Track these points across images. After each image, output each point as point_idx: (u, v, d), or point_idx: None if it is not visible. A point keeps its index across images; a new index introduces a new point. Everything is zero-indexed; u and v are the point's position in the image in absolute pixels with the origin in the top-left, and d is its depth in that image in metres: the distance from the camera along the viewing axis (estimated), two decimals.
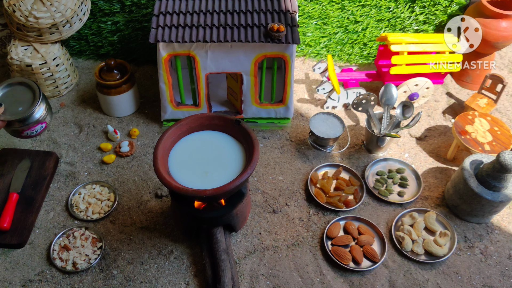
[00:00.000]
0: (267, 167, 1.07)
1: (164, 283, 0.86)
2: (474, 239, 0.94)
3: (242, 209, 0.88)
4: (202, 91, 1.08)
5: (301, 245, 0.92)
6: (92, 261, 0.88)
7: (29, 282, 0.86)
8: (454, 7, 1.26)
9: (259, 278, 0.87)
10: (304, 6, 1.27)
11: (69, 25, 1.16)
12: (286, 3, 1.03)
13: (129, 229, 0.94)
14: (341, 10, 1.28)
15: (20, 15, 1.12)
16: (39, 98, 0.89)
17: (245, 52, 1.01)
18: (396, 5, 1.27)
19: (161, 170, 0.76)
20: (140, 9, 1.25)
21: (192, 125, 0.85)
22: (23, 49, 1.16)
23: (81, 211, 0.97)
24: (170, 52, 1.00)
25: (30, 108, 0.88)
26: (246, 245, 0.92)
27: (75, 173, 1.04)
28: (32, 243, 0.92)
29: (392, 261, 0.90)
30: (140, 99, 1.21)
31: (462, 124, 1.06)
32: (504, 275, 0.89)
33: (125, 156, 1.08)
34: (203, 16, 1.01)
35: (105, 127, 1.14)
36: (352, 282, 0.87)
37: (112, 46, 1.31)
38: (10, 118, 0.87)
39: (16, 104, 0.89)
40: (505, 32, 1.14)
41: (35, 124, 0.90)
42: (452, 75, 1.31)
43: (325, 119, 1.10)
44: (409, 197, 1.01)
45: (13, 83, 0.91)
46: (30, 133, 0.91)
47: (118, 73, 1.12)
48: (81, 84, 1.28)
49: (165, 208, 0.98)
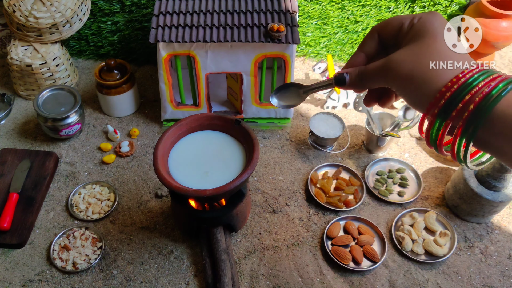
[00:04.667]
0: (267, 167, 1.07)
1: (164, 283, 0.86)
2: (474, 239, 0.94)
3: (242, 209, 0.88)
4: (202, 91, 1.08)
5: (301, 245, 0.93)
6: (92, 261, 0.88)
7: (29, 282, 0.86)
8: (454, 7, 1.26)
9: (259, 278, 0.87)
10: (304, 6, 1.27)
11: (69, 25, 1.16)
12: (286, 3, 1.03)
13: (129, 229, 0.94)
14: (341, 10, 1.28)
15: (20, 15, 1.12)
16: (79, 102, 1.07)
17: (245, 52, 1.01)
18: (396, 5, 1.27)
19: (161, 170, 0.76)
20: (140, 9, 1.25)
21: (192, 125, 0.85)
22: (23, 49, 1.16)
23: (81, 211, 0.97)
24: (170, 52, 1.00)
25: (71, 109, 1.05)
26: (246, 245, 0.92)
27: (75, 173, 1.04)
28: (32, 243, 0.92)
29: (392, 261, 0.90)
30: (140, 99, 1.21)
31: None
32: (504, 275, 0.89)
33: (125, 156, 1.08)
34: (203, 16, 1.01)
35: (105, 127, 1.15)
36: (352, 282, 0.87)
37: (112, 46, 1.31)
38: (53, 116, 1.04)
39: (59, 105, 1.07)
40: (505, 32, 1.14)
41: (72, 125, 1.07)
42: None
43: (325, 119, 1.10)
44: (409, 197, 1.01)
45: (57, 88, 1.09)
46: (68, 132, 1.08)
47: (118, 73, 1.12)
48: (81, 84, 1.28)
49: (165, 208, 0.98)
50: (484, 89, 0.39)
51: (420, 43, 0.43)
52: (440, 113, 0.41)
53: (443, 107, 0.40)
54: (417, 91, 0.42)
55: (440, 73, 0.41)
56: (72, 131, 1.08)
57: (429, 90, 0.41)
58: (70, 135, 1.09)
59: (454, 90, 0.40)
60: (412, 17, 0.46)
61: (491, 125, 0.39)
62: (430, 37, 0.43)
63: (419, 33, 0.44)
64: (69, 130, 1.07)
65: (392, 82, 0.45)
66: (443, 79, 0.41)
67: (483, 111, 0.39)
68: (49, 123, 1.05)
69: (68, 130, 1.07)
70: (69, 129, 1.07)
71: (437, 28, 0.44)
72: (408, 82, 0.43)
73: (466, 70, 0.41)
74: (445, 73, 0.41)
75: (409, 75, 0.43)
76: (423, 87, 0.42)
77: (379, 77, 0.46)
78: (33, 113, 1.18)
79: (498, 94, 0.38)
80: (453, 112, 0.40)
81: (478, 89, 0.39)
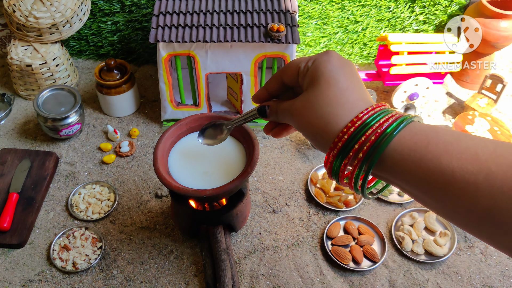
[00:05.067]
0: (267, 167, 1.07)
1: (164, 283, 0.86)
2: (474, 239, 0.94)
3: (242, 209, 0.88)
4: (202, 91, 1.08)
5: (301, 245, 0.93)
6: (92, 261, 0.88)
7: (29, 282, 0.86)
8: (454, 7, 1.26)
9: (259, 278, 0.87)
10: (304, 6, 1.27)
11: (69, 25, 1.16)
12: (286, 3, 1.04)
13: (129, 229, 0.94)
14: (341, 10, 1.28)
15: (20, 15, 1.12)
16: (79, 102, 1.06)
17: (245, 52, 1.01)
18: (396, 5, 1.27)
19: (161, 170, 0.76)
20: (140, 9, 1.25)
21: (192, 125, 0.85)
22: (23, 49, 1.16)
23: (81, 211, 0.97)
24: (170, 52, 1.00)
25: (70, 109, 1.05)
26: (246, 245, 0.92)
27: (75, 173, 1.04)
28: (32, 243, 0.92)
29: (392, 261, 0.90)
30: (140, 99, 1.21)
31: (462, 124, 1.06)
32: (504, 275, 0.89)
33: (125, 156, 1.08)
34: (203, 16, 1.01)
35: (105, 127, 1.15)
36: (352, 282, 0.87)
37: (112, 46, 1.31)
38: (53, 116, 1.03)
39: (59, 105, 1.06)
40: (505, 32, 1.14)
41: (72, 125, 1.07)
42: (452, 75, 1.31)
43: None
44: (409, 197, 1.01)
45: (57, 88, 1.09)
46: (68, 132, 1.07)
47: (118, 73, 1.12)
48: (81, 84, 1.28)
49: (165, 208, 0.98)
50: (378, 129, 0.41)
51: (315, 90, 0.45)
52: (338, 154, 0.43)
53: (341, 149, 0.42)
54: (317, 136, 0.45)
55: (336, 119, 0.43)
56: (72, 131, 1.08)
57: (328, 136, 0.44)
58: (70, 135, 1.09)
59: (351, 133, 0.42)
60: (307, 60, 0.47)
61: (385, 164, 0.41)
62: (324, 83, 0.45)
63: (314, 79, 0.46)
64: (69, 130, 1.07)
65: (296, 126, 0.48)
66: (340, 124, 0.43)
67: (377, 151, 0.40)
68: (49, 123, 1.05)
69: (68, 130, 1.07)
70: (69, 129, 1.07)
71: (330, 71, 0.45)
72: (309, 129, 0.46)
73: (361, 114, 0.42)
74: (341, 118, 0.43)
75: (309, 123, 0.45)
76: (322, 133, 0.44)
77: (288, 119, 0.49)
78: (33, 113, 1.18)
79: (390, 133, 0.40)
80: (350, 153, 0.42)
81: (373, 130, 0.41)
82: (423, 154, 0.39)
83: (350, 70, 0.46)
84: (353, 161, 0.42)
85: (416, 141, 0.39)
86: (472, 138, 0.39)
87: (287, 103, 0.49)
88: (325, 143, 0.44)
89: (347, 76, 0.45)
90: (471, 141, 0.38)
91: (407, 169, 0.40)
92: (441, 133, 0.40)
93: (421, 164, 0.39)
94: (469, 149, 0.37)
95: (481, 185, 0.35)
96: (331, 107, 0.44)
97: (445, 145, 0.38)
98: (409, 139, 0.40)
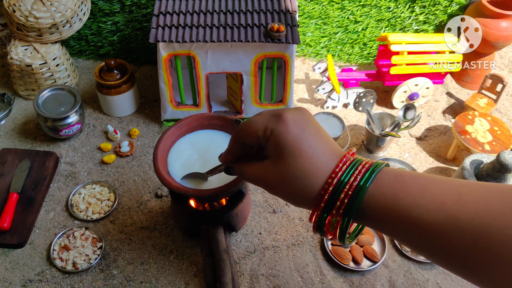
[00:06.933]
0: None
1: (164, 283, 0.86)
2: None
3: (242, 209, 0.88)
4: (202, 91, 1.08)
5: (301, 245, 0.93)
6: (92, 261, 0.88)
7: (29, 282, 0.86)
8: (454, 7, 1.26)
9: (259, 278, 0.87)
10: (304, 6, 1.27)
11: (69, 25, 1.16)
12: (286, 3, 1.04)
13: (129, 229, 0.94)
14: (341, 10, 1.28)
15: (20, 15, 1.12)
16: (79, 102, 1.06)
17: (245, 52, 1.01)
18: (396, 5, 1.27)
19: (161, 170, 0.76)
20: (140, 9, 1.25)
21: (192, 125, 0.85)
22: (23, 49, 1.16)
23: (81, 211, 0.97)
24: (170, 52, 1.00)
25: (70, 109, 1.05)
26: (246, 245, 0.92)
27: (75, 173, 1.04)
28: (32, 243, 0.92)
29: (392, 261, 0.90)
30: (140, 99, 1.21)
31: (462, 124, 1.07)
32: None
33: (125, 156, 1.08)
34: (203, 16, 1.01)
35: (105, 127, 1.15)
36: (352, 282, 0.87)
37: (112, 46, 1.31)
38: (53, 116, 1.03)
39: (59, 105, 1.06)
40: (505, 32, 1.14)
41: (72, 124, 1.07)
42: (452, 75, 1.31)
43: (325, 119, 1.10)
44: None
45: (57, 88, 1.09)
46: (68, 132, 1.07)
47: (118, 73, 1.12)
48: (81, 84, 1.28)
49: (165, 208, 0.98)
50: (354, 183, 0.43)
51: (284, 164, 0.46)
52: (322, 213, 0.45)
53: (323, 209, 0.44)
54: (298, 203, 0.47)
55: (312, 187, 0.45)
56: (72, 131, 1.08)
57: (308, 201, 0.45)
58: (70, 135, 1.09)
59: (330, 192, 0.43)
60: (264, 129, 0.47)
61: (363, 215, 0.43)
62: (289, 156, 0.45)
63: (278, 150, 0.46)
64: (69, 130, 1.07)
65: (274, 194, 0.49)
66: (316, 188, 0.44)
67: (352, 206, 0.42)
68: (49, 123, 1.05)
69: (68, 130, 1.07)
70: (69, 129, 1.07)
71: (292, 143, 0.45)
72: (287, 199, 0.48)
73: (334, 173, 0.44)
74: (316, 183, 0.44)
75: (286, 195, 0.47)
76: (302, 201, 0.46)
77: (262, 187, 0.50)
78: (33, 113, 1.18)
79: (363, 186, 0.42)
80: (333, 210, 0.44)
81: (349, 184, 0.43)
82: (396, 209, 0.41)
83: (309, 130, 0.46)
84: (337, 215, 0.44)
85: (387, 197, 0.41)
86: (438, 185, 0.41)
87: (255, 169, 0.50)
88: (306, 206, 0.46)
89: (309, 139, 0.45)
90: (436, 190, 0.40)
91: (384, 221, 0.42)
92: (408, 184, 0.42)
93: (393, 217, 0.41)
94: (435, 198, 0.40)
95: (451, 234, 0.38)
96: (305, 179, 0.45)
97: (413, 198, 0.40)
98: (379, 195, 0.42)
